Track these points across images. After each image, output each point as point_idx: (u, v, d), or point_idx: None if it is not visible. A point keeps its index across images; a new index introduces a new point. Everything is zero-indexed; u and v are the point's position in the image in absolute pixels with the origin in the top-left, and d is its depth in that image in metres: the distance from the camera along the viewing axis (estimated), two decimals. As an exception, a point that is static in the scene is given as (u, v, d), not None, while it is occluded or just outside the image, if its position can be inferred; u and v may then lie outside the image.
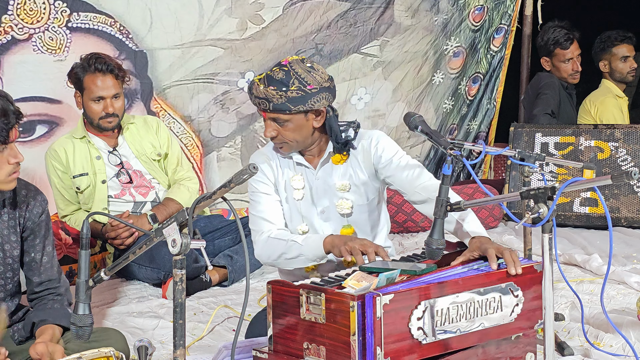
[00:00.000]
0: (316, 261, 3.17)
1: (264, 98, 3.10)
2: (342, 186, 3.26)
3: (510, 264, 2.79)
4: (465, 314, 2.69)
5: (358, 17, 5.94)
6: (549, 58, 6.00)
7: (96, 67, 4.34)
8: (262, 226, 3.26)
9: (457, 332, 2.68)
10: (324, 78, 3.15)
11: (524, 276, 2.81)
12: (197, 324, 3.76)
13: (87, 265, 2.60)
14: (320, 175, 3.29)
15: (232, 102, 5.65)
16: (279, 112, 3.11)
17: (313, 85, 3.10)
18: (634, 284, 4.13)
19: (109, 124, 4.43)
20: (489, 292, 2.75)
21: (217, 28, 5.48)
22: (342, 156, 3.27)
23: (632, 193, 5.45)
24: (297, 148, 3.25)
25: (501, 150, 3.30)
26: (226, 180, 2.40)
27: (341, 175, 3.27)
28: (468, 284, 2.71)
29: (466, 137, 6.74)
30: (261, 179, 3.30)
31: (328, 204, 3.29)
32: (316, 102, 3.11)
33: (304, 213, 3.30)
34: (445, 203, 2.83)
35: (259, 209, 3.29)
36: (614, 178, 2.46)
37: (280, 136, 3.18)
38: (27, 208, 3.04)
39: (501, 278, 2.78)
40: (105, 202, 4.47)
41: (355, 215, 3.29)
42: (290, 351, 2.69)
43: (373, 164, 3.25)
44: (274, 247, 3.21)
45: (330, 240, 3.09)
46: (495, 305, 2.76)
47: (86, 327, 2.61)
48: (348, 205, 3.26)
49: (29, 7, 4.88)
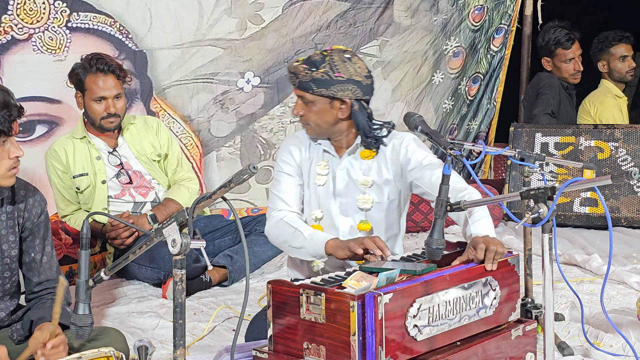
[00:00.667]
0: (316, 258, 3.22)
1: (294, 72, 3.22)
2: (364, 181, 3.29)
3: (488, 261, 2.84)
4: (452, 309, 2.72)
5: (357, 17, 5.95)
6: (550, 58, 6.00)
7: (98, 67, 4.34)
8: (278, 204, 3.32)
9: (446, 328, 2.70)
10: (357, 72, 3.19)
11: (499, 270, 2.86)
12: (197, 324, 3.76)
13: (87, 265, 2.60)
14: (343, 166, 3.31)
15: (232, 102, 5.65)
16: (303, 89, 3.20)
17: (341, 74, 3.16)
18: (634, 284, 4.13)
19: (111, 124, 4.43)
20: (472, 287, 2.78)
21: (216, 28, 5.48)
22: (371, 152, 3.30)
23: (632, 193, 5.45)
24: (320, 133, 3.29)
25: (501, 150, 3.30)
26: (226, 180, 2.40)
27: (366, 170, 3.30)
28: (454, 280, 2.74)
29: (466, 137, 6.74)
30: (288, 160, 3.36)
31: (348, 196, 3.31)
32: (339, 91, 3.16)
33: (322, 200, 3.32)
34: (445, 203, 2.83)
35: (279, 188, 3.35)
36: (614, 178, 2.46)
37: (305, 116, 3.25)
38: (26, 208, 3.04)
39: (482, 273, 2.82)
40: (105, 202, 4.47)
41: (373, 212, 3.31)
42: (290, 351, 2.69)
43: (400, 164, 3.27)
44: (282, 231, 3.25)
45: (332, 243, 3.12)
46: (477, 299, 2.79)
47: (86, 327, 2.61)
48: (369, 200, 3.28)
49: (29, 7, 4.88)
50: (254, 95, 5.71)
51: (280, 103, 5.81)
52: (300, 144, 3.37)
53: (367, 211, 3.30)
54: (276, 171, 3.40)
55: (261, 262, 4.63)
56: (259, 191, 5.83)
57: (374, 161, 3.30)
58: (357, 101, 3.21)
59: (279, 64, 5.72)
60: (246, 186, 5.74)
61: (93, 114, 4.40)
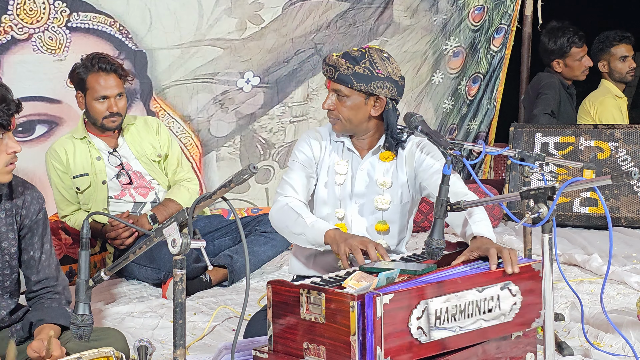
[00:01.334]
0: (314, 247, 3.20)
1: (333, 65, 3.21)
2: (383, 182, 3.29)
3: (507, 263, 2.79)
4: (464, 313, 2.69)
5: (357, 17, 5.95)
6: (562, 60, 5.98)
7: (100, 66, 4.34)
8: (286, 191, 3.31)
9: (456, 331, 2.68)
10: (394, 72, 3.22)
11: (521, 275, 2.81)
12: (197, 324, 3.76)
13: (87, 265, 2.59)
14: (364, 167, 3.32)
15: (232, 101, 5.65)
16: (342, 83, 3.19)
17: (381, 71, 3.18)
18: (634, 284, 4.13)
19: (113, 123, 4.43)
20: (487, 290, 2.75)
21: (216, 28, 5.48)
22: (391, 154, 3.31)
23: (632, 193, 5.45)
24: (349, 130, 3.29)
25: (501, 150, 3.30)
26: (226, 180, 2.40)
27: (385, 172, 3.31)
28: (467, 283, 2.71)
29: (466, 137, 6.74)
30: (305, 151, 3.36)
31: (366, 197, 3.31)
32: (378, 88, 3.18)
33: (343, 198, 3.33)
34: (445, 203, 2.83)
35: (290, 175, 3.35)
36: (614, 178, 2.46)
37: (336, 111, 3.24)
38: (24, 205, 3.03)
39: (499, 277, 2.78)
40: (105, 202, 4.47)
41: (389, 213, 3.31)
42: (290, 351, 2.69)
43: (415, 166, 3.29)
44: (285, 216, 3.25)
45: (332, 234, 3.11)
46: (493, 304, 2.76)
47: (86, 327, 2.61)
48: (387, 201, 3.29)
49: (29, 7, 4.88)
50: (253, 95, 5.71)
51: (279, 103, 5.81)
52: (321, 139, 3.38)
53: (384, 212, 3.31)
54: (291, 160, 3.40)
55: (261, 262, 4.63)
56: (258, 191, 5.83)
57: (393, 164, 3.32)
58: (391, 100, 3.23)
59: (279, 64, 5.72)
60: (246, 186, 5.74)
61: (95, 113, 4.40)
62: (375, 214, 3.32)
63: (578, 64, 5.96)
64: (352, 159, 3.34)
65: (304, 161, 3.35)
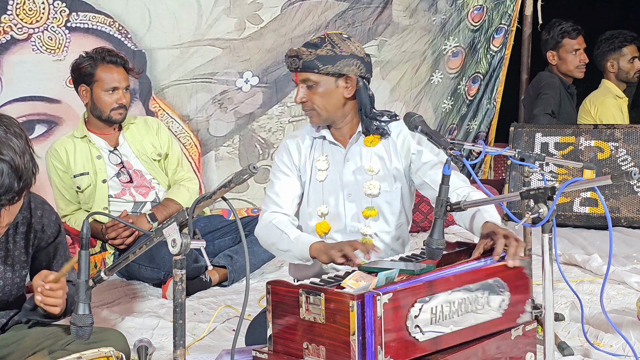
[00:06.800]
0: (302, 261, 3.17)
1: (295, 55, 3.19)
2: (370, 168, 3.27)
3: (509, 256, 2.81)
4: (457, 310, 2.70)
5: (356, 17, 5.95)
6: (555, 51, 5.97)
7: (110, 59, 4.40)
8: (270, 206, 3.30)
9: (450, 329, 2.69)
10: (358, 49, 3.21)
11: (508, 271, 2.83)
12: (197, 324, 3.76)
13: (87, 265, 2.59)
14: (349, 156, 3.30)
15: (230, 101, 5.65)
16: (308, 69, 3.16)
17: (344, 50, 3.17)
18: (634, 284, 4.13)
19: (120, 115, 4.46)
20: (477, 288, 2.76)
21: (215, 28, 5.48)
22: (375, 137, 3.28)
23: (632, 193, 5.45)
24: (326, 119, 3.26)
25: (501, 150, 3.29)
26: (226, 180, 2.39)
27: (372, 157, 3.28)
28: (459, 281, 2.72)
29: (466, 137, 6.74)
30: (285, 159, 3.35)
31: (355, 184, 3.29)
32: (345, 66, 3.16)
33: (327, 194, 3.30)
34: (445, 203, 2.82)
35: (272, 189, 3.34)
36: (614, 178, 2.45)
37: (309, 102, 3.22)
38: (42, 229, 2.98)
39: (489, 274, 2.80)
40: (105, 201, 4.47)
41: (380, 199, 3.28)
42: (290, 351, 2.69)
43: (411, 152, 3.26)
44: (270, 234, 3.23)
45: (316, 246, 3.08)
46: (484, 301, 2.78)
47: (86, 327, 2.60)
48: (376, 186, 3.26)
49: (28, 7, 4.88)
50: (252, 95, 5.71)
51: (278, 103, 5.81)
52: (301, 142, 3.35)
53: (374, 197, 3.28)
54: (272, 172, 3.38)
55: (261, 262, 4.63)
56: (257, 191, 5.83)
57: (381, 149, 3.28)
58: (361, 78, 3.21)
59: (278, 64, 5.72)
60: (245, 186, 5.74)
61: (103, 105, 4.42)
62: (364, 199, 3.29)
63: (572, 57, 5.94)
64: (334, 152, 3.31)
65: (286, 169, 3.33)
